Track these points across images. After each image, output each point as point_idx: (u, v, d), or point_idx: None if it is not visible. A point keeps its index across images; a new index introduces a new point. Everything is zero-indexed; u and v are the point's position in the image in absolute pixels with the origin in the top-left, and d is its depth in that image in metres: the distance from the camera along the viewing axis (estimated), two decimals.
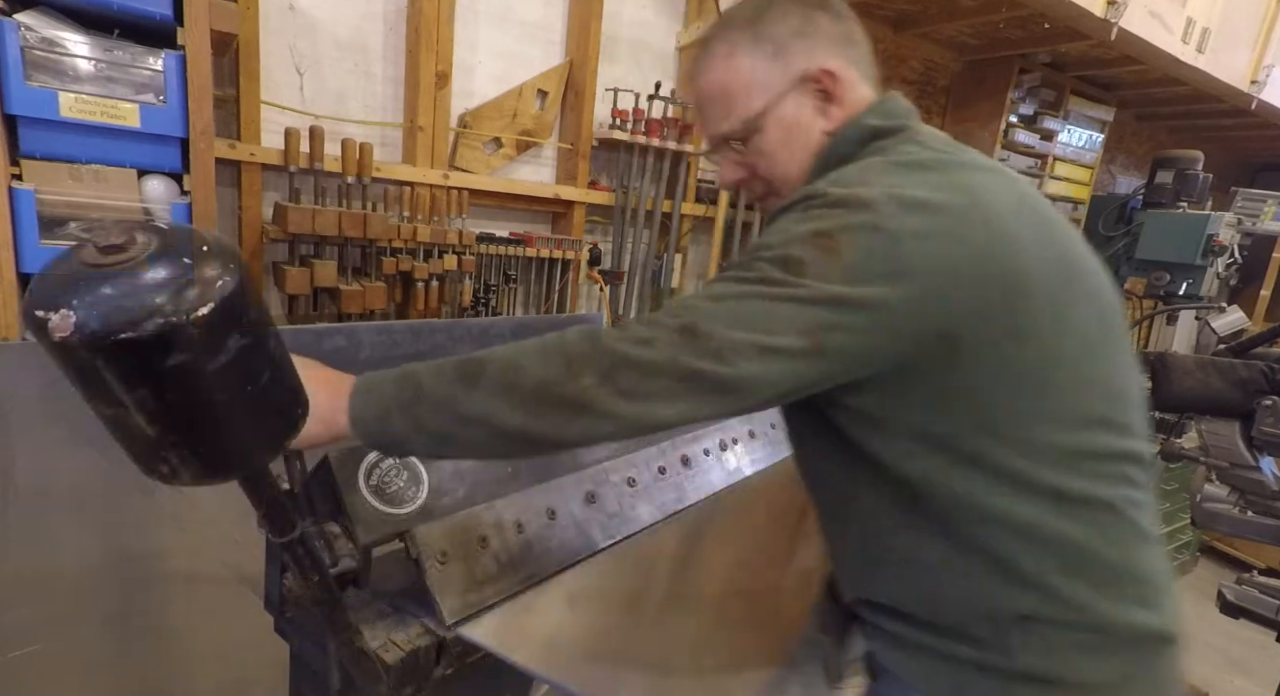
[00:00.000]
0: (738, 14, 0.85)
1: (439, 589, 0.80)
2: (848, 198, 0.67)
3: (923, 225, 0.65)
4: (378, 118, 1.89)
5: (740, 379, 0.62)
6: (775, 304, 0.64)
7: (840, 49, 0.82)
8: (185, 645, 1.41)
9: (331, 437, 0.68)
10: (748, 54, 0.82)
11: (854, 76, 0.83)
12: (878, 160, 0.75)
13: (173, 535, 1.36)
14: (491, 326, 1.82)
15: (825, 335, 0.63)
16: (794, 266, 0.65)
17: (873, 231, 0.64)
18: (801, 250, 0.66)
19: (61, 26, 1.16)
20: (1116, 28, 2.38)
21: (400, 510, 0.80)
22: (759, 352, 0.62)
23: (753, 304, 0.65)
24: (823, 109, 0.82)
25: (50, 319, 0.39)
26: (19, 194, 1.14)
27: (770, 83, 0.82)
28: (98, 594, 1.30)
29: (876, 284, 0.63)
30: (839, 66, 0.81)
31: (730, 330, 0.63)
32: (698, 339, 0.63)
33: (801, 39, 0.82)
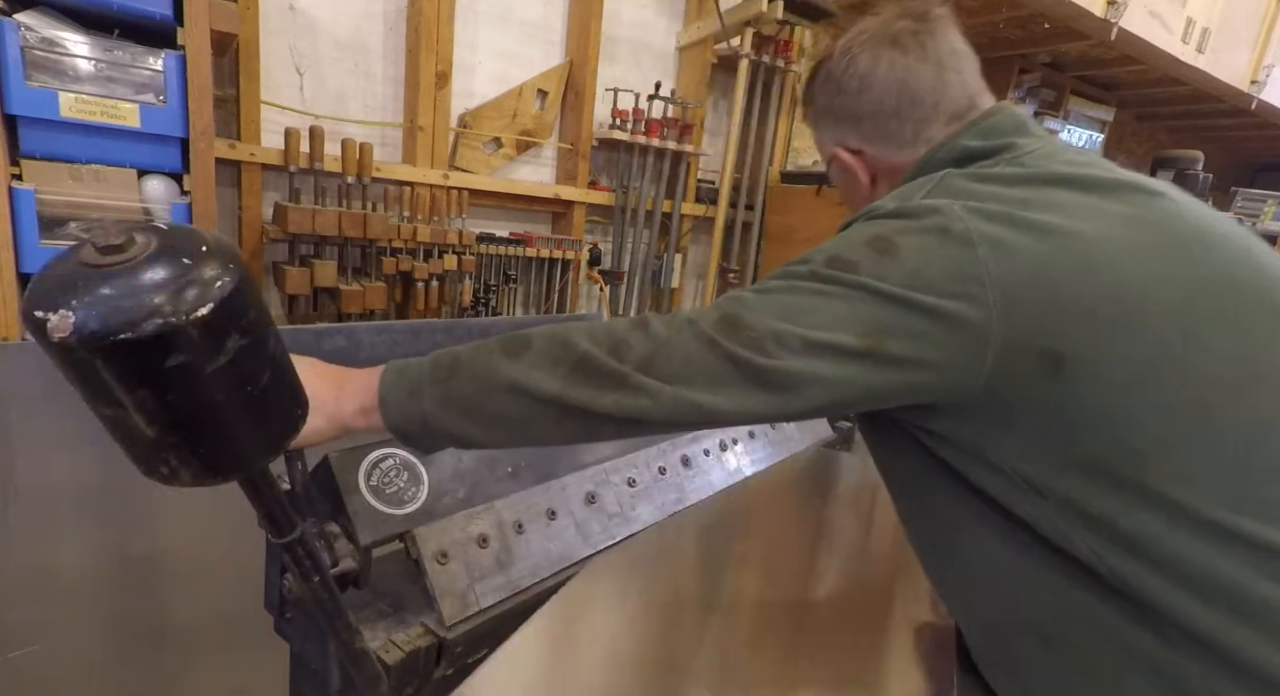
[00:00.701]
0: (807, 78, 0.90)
1: (439, 589, 0.80)
2: (910, 207, 0.65)
3: (1003, 233, 0.60)
4: (378, 118, 1.89)
5: (784, 372, 0.59)
6: (827, 299, 0.61)
7: (853, 128, 0.83)
8: (185, 645, 1.41)
9: (336, 431, 0.67)
10: (808, 122, 0.91)
11: (874, 153, 0.83)
12: (955, 173, 0.71)
13: (172, 535, 1.36)
14: (491, 326, 1.82)
15: (889, 339, 0.59)
16: (846, 265, 0.62)
17: (941, 235, 0.61)
18: (854, 252, 0.63)
19: (61, 26, 1.16)
20: (1116, 28, 2.38)
21: (400, 510, 0.80)
22: (805, 347, 0.59)
23: (801, 297, 0.62)
24: (856, 178, 0.85)
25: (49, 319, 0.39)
26: (19, 194, 1.14)
27: (820, 152, 0.89)
28: (98, 594, 1.30)
29: (948, 294, 0.59)
30: (850, 147, 0.84)
31: (774, 321, 0.60)
32: (739, 328, 0.60)
33: (826, 117, 0.86)
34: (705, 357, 0.60)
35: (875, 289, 0.60)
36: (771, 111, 2.46)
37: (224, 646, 1.43)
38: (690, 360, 0.60)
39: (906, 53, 0.79)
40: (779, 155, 2.58)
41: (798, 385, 0.59)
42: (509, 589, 0.86)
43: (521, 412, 0.63)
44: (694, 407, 0.60)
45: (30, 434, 1.19)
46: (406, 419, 0.65)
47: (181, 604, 1.38)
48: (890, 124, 0.80)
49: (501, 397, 0.63)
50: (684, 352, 0.61)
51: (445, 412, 0.64)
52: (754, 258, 2.58)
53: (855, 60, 0.81)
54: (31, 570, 1.22)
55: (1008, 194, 0.65)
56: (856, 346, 0.59)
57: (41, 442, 1.20)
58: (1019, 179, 0.67)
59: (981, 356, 0.59)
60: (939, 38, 0.80)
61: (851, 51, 0.82)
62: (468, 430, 0.65)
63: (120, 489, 1.27)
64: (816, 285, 0.62)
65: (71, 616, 1.28)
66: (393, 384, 0.66)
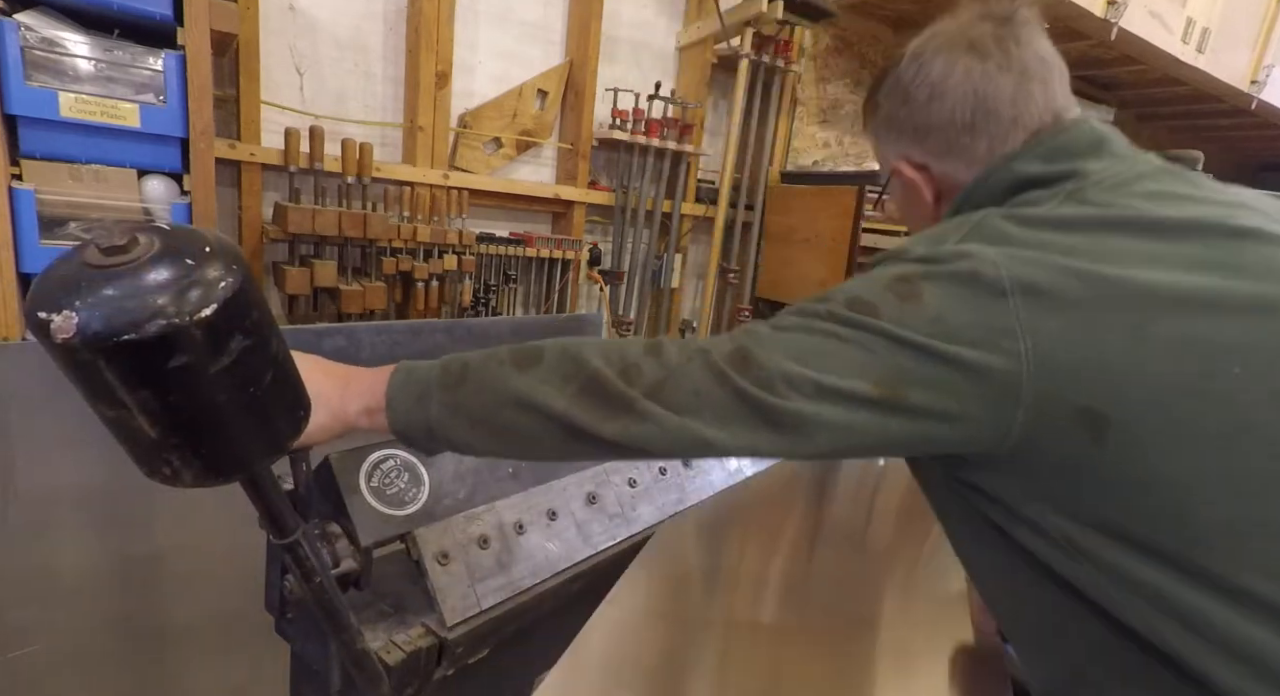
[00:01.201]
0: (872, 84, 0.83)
1: (440, 590, 0.80)
2: (940, 252, 0.61)
3: (1041, 279, 0.56)
4: (378, 118, 1.88)
5: (794, 415, 0.57)
6: (842, 343, 0.58)
7: (918, 141, 0.76)
8: (185, 645, 1.41)
9: (340, 429, 0.67)
10: (869, 132, 0.84)
11: (941, 169, 0.76)
12: (996, 214, 0.64)
13: (173, 535, 1.36)
14: (492, 326, 1.82)
15: (907, 389, 0.56)
16: (865, 308, 0.58)
17: (970, 281, 0.57)
18: (875, 295, 0.59)
19: (61, 26, 1.16)
20: (1116, 28, 2.39)
21: (401, 511, 0.80)
22: (817, 391, 0.57)
23: (816, 339, 0.59)
24: (918, 195, 0.79)
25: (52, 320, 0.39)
26: (19, 194, 1.14)
27: (881, 165, 0.83)
28: (98, 594, 1.30)
29: (972, 343, 0.55)
30: (915, 161, 0.77)
31: (786, 361, 0.58)
32: (750, 365, 0.58)
33: (889, 127, 0.79)
34: (714, 391, 0.58)
35: (895, 335, 0.57)
36: (771, 111, 2.46)
37: (224, 646, 1.43)
38: (700, 391, 0.59)
39: (985, 59, 0.71)
40: (779, 155, 2.58)
41: (806, 428, 0.57)
42: (510, 589, 0.86)
43: (528, 428, 0.62)
44: (699, 441, 0.59)
45: (30, 434, 1.19)
46: (411, 423, 0.65)
47: (181, 604, 1.38)
48: (962, 138, 0.73)
49: (509, 411, 0.62)
50: (694, 383, 0.59)
51: (452, 420, 0.64)
52: (754, 258, 2.58)
53: (927, 66, 0.74)
54: (31, 570, 1.22)
55: (1053, 240, 0.59)
56: (871, 394, 0.56)
57: (42, 443, 1.20)
58: (1069, 222, 0.61)
59: (1009, 411, 0.55)
60: (1024, 43, 0.71)
61: (923, 56, 0.74)
62: (472, 440, 0.64)
63: (121, 489, 1.27)
64: (833, 327, 0.59)
65: (71, 616, 1.27)
66: (401, 386, 0.66)
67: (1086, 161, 0.67)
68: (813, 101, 2.74)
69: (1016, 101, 0.71)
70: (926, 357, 0.56)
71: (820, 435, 0.57)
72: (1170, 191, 0.64)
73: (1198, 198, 0.63)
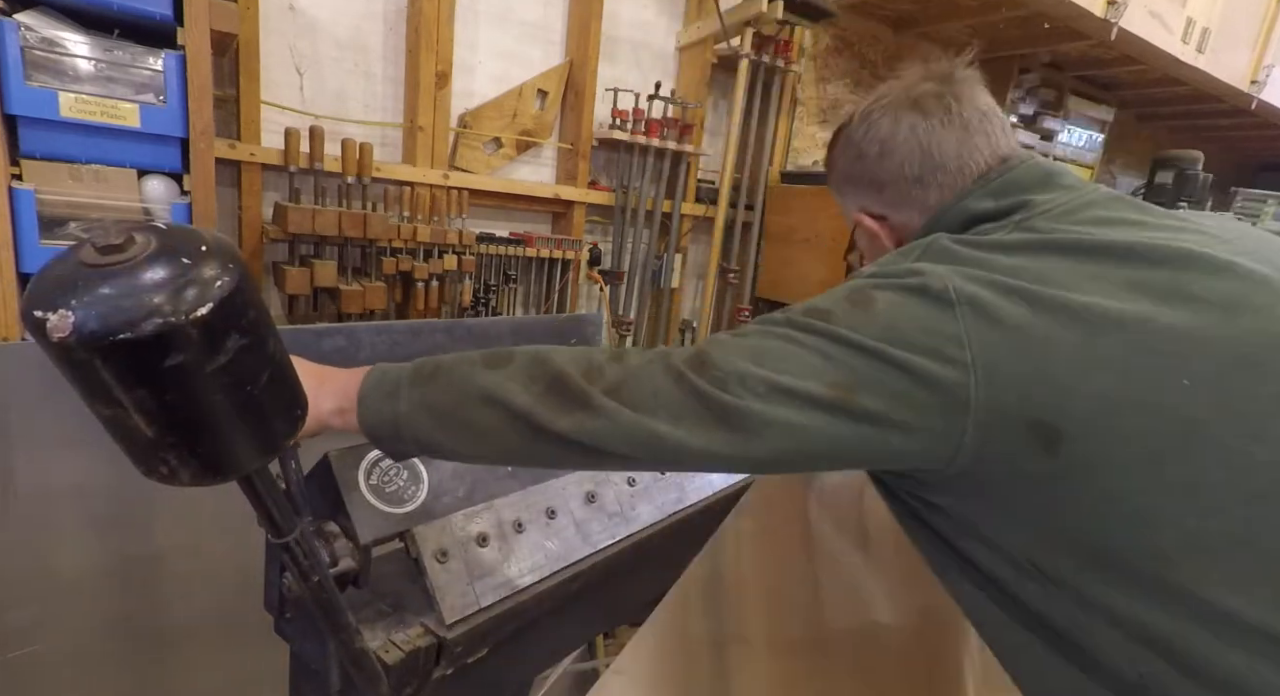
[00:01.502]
0: (830, 143, 0.88)
1: (439, 588, 0.80)
2: (894, 269, 0.64)
3: (988, 296, 0.58)
4: (378, 118, 1.89)
5: (745, 413, 0.57)
6: (796, 346, 0.60)
7: (875, 194, 0.81)
8: (185, 645, 1.41)
9: (313, 427, 0.68)
10: (830, 187, 0.90)
11: (899, 219, 0.80)
12: (945, 237, 0.68)
13: (172, 535, 1.36)
14: (491, 326, 1.82)
15: (858, 392, 0.57)
16: (820, 314, 0.61)
17: (918, 293, 0.59)
18: (829, 303, 0.62)
19: (61, 26, 1.16)
20: (1116, 28, 2.38)
21: (400, 509, 0.80)
22: (770, 390, 0.58)
23: (771, 342, 0.61)
24: (880, 244, 0.83)
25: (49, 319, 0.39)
26: (19, 194, 1.14)
27: (845, 211, 0.88)
28: (98, 594, 1.30)
29: (923, 351, 0.57)
30: (873, 213, 0.82)
31: (741, 361, 0.59)
32: (705, 366, 0.60)
33: (847, 183, 0.85)
34: (671, 389, 0.60)
35: (846, 338, 0.58)
36: (771, 111, 2.46)
37: (224, 646, 1.43)
38: (657, 391, 0.60)
39: (928, 116, 0.76)
40: (779, 155, 2.58)
41: (759, 428, 0.58)
42: (509, 588, 0.86)
43: (491, 424, 0.63)
44: (654, 437, 0.59)
45: (30, 434, 1.19)
46: (380, 420, 0.66)
47: (181, 604, 1.38)
48: (913, 190, 0.77)
49: (474, 407, 0.63)
50: (652, 383, 0.61)
51: (419, 417, 0.64)
52: (754, 258, 2.58)
53: (875, 125, 0.79)
54: (31, 570, 1.22)
55: (997, 261, 0.62)
56: (823, 395, 0.57)
57: (42, 443, 1.20)
58: (1012, 246, 0.64)
59: (959, 422, 0.56)
60: (964, 100, 0.76)
61: (871, 116, 0.79)
62: (436, 435, 0.65)
63: (121, 489, 1.27)
64: (789, 332, 0.61)
65: (71, 616, 1.28)
66: (373, 385, 0.67)
67: (1034, 194, 0.70)
68: (813, 101, 2.74)
69: (961, 154, 0.75)
70: (877, 362, 0.57)
71: (772, 435, 0.58)
72: (1119, 217, 0.66)
73: (1147, 223, 0.65)
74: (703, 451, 0.59)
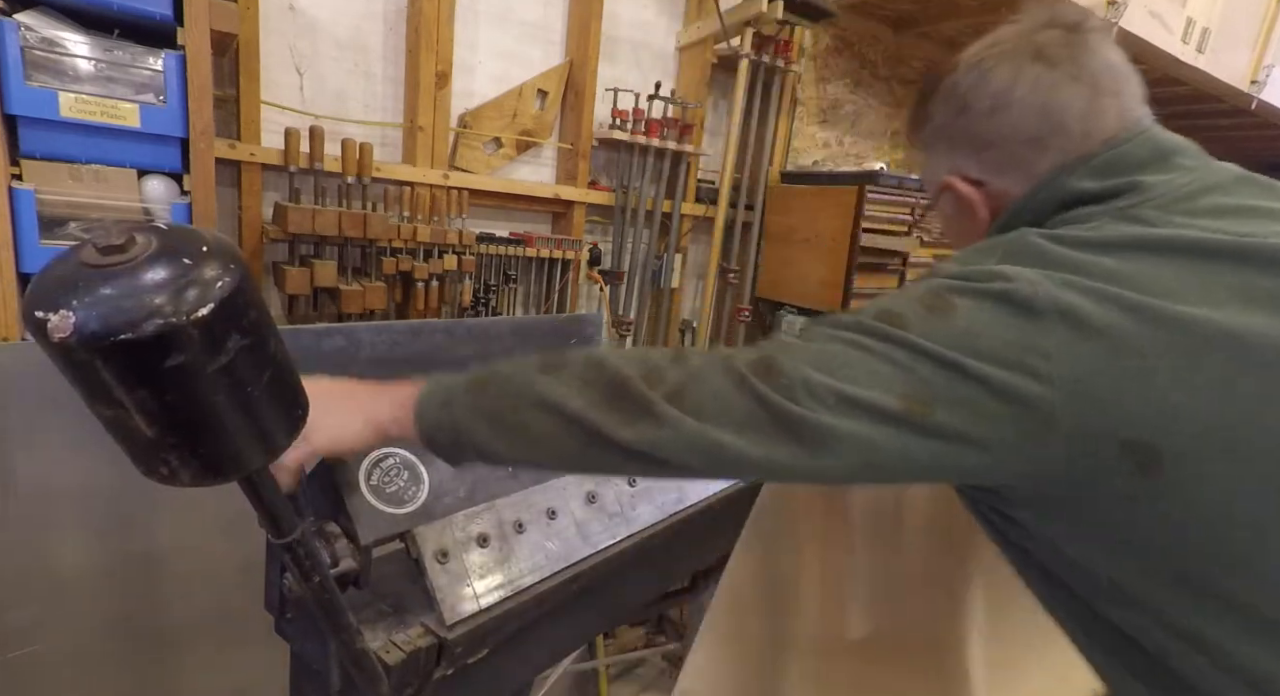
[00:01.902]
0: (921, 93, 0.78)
1: (440, 589, 0.80)
2: (974, 270, 0.58)
3: (1081, 303, 0.53)
4: (378, 118, 1.89)
5: (813, 425, 0.53)
6: (867, 353, 0.55)
7: (975, 155, 0.71)
8: (185, 645, 1.41)
9: (375, 436, 0.68)
10: (916, 145, 0.80)
11: (1000, 186, 0.71)
12: (1033, 234, 0.61)
13: (172, 535, 1.36)
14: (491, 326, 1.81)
15: (933, 406, 0.53)
16: (893, 319, 0.56)
17: (1002, 300, 0.54)
18: (903, 306, 0.57)
19: (61, 26, 1.16)
20: (1116, 28, 2.38)
21: (401, 509, 0.80)
22: (838, 401, 0.54)
23: (840, 348, 0.57)
24: (972, 212, 0.74)
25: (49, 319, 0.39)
26: (19, 194, 1.14)
27: (927, 180, 0.80)
28: (98, 594, 1.30)
29: (1002, 363, 0.52)
30: (970, 177, 0.73)
31: (808, 368, 0.55)
32: (771, 372, 0.56)
33: (941, 140, 0.75)
34: (734, 395, 0.56)
35: (921, 347, 0.54)
36: (771, 111, 2.46)
37: (224, 646, 1.43)
38: (720, 395, 0.56)
39: (1054, 67, 0.66)
40: (779, 155, 2.58)
41: (827, 441, 0.54)
42: (509, 588, 0.86)
43: (548, 429, 0.60)
44: (717, 448, 0.56)
45: (30, 434, 1.19)
46: (438, 426, 0.65)
47: (181, 604, 1.38)
48: (1025, 152, 0.68)
49: (530, 411, 0.61)
50: (714, 387, 0.57)
51: (475, 423, 0.63)
52: (754, 257, 2.58)
53: (989, 74, 0.69)
54: (31, 570, 1.22)
55: (1093, 263, 0.56)
56: (894, 408, 0.53)
57: (42, 443, 1.20)
58: (1112, 244, 0.57)
59: (1043, 440, 0.52)
60: (1094, 52, 0.66)
61: (984, 63, 0.70)
62: (493, 442, 0.63)
63: (121, 489, 1.27)
64: (859, 337, 0.56)
65: (71, 616, 1.28)
66: (429, 393, 0.66)
67: (1146, 174, 0.63)
68: (813, 101, 2.74)
69: (1088, 116, 0.66)
70: (954, 374, 0.53)
71: (842, 449, 0.54)
72: (1245, 205, 0.59)
73: (1276, 211, 0.58)
74: (766, 463, 0.56)
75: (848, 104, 2.85)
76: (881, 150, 3.05)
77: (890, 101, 2.98)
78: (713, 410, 0.56)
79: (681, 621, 2.47)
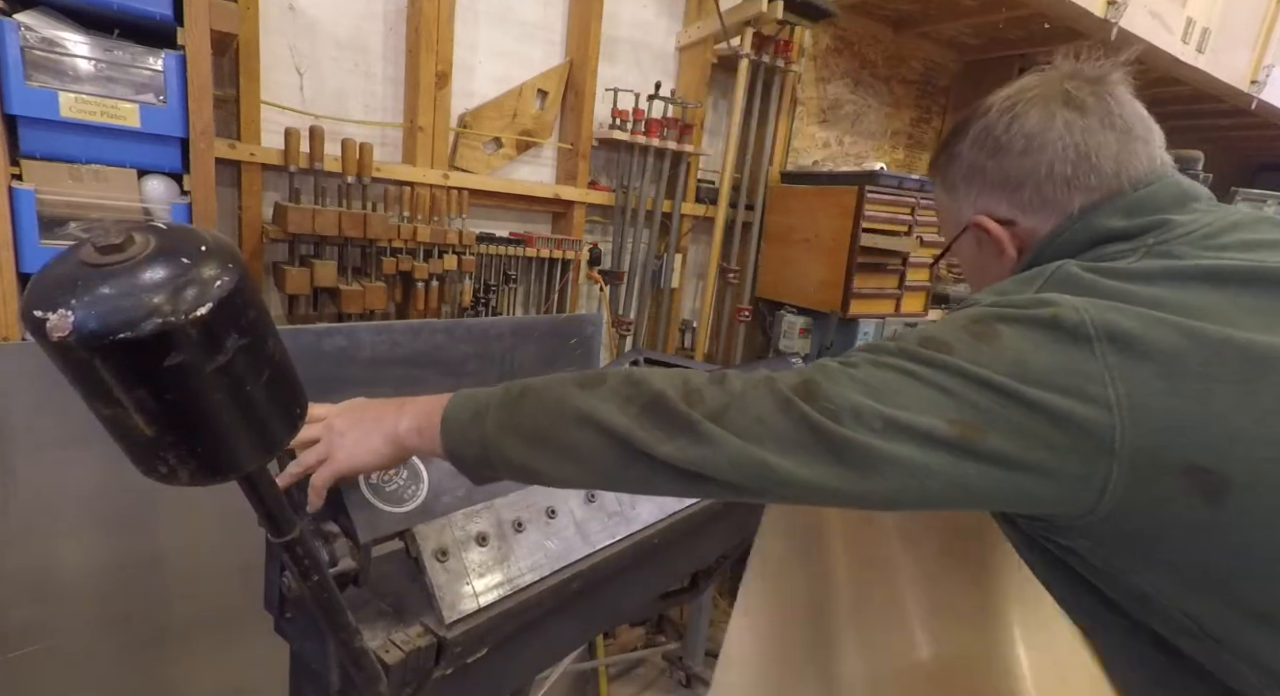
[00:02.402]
0: (949, 135, 0.80)
1: (439, 588, 0.80)
2: (1018, 299, 0.58)
3: (1130, 326, 0.52)
4: (378, 118, 1.89)
5: (862, 448, 0.53)
6: (914, 380, 0.55)
7: (1007, 195, 0.72)
8: (185, 645, 1.41)
9: (393, 451, 0.69)
10: (938, 185, 0.81)
11: (1030, 225, 0.72)
12: (1073, 264, 0.61)
13: (172, 535, 1.36)
14: (491, 326, 1.82)
15: (987, 431, 0.52)
16: (939, 345, 0.56)
17: (1049, 327, 0.54)
18: (948, 334, 0.57)
19: (61, 26, 1.16)
20: (1116, 28, 2.38)
21: (400, 508, 0.80)
22: (886, 426, 0.53)
23: (886, 374, 0.56)
24: (998, 251, 0.74)
25: (48, 319, 0.39)
26: (19, 194, 1.14)
27: (948, 221, 0.81)
28: (98, 594, 1.30)
29: (1058, 389, 0.51)
30: (999, 216, 0.73)
31: (854, 394, 0.54)
32: (816, 396, 0.55)
33: (972, 180, 0.75)
34: (778, 417, 0.55)
35: (972, 373, 0.53)
36: (771, 111, 2.46)
37: (224, 646, 1.43)
38: (764, 418, 0.56)
39: (1086, 114, 0.68)
40: (779, 155, 2.58)
41: (877, 464, 0.53)
42: (509, 587, 0.86)
43: (588, 446, 0.60)
44: (762, 466, 0.55)
45: (30, 434, 1.20)
46: (465, 440, 0.64)
47: (181, 603, 1.39)
48: (1057, 193, 0.69)
49: (568, 427, 0.60)
50: (758, 409, 0.56)
51: (507, 438, 0.62)
52: (754, 257, 2.58)
53: (1021, 117, 0.71)
54: (31, 570, 1.22)
55: (1137, 292, 0.56)
56: (946, 434, 0.52)
57: (42, 443, 1.20)
58: (1158, 274, 0.57)
59: (1102, 466, 0.51)
60: (1122, 102, 0.69)
61: (1016, 107, 0.72)
62: (529, 458, 0.62)
63: (120, 488, 1.28)
64: (904, 363, 0.56)
65: (71, 616, 1.28)
66: (459, 406, 0.66)
67: (1172, 213, 0.64)
68: (813, 101, 2.74)
69: (1119, 158, 0.67)
70: (1006, 399, 0.52)
71: (892, 473, 0.53)
72: (1269, 239, 0.60)
73: None
74: (814, 484, 0.55)
75: (848, 104, 2.85)
76: (881, 150, 3.05)
77: (890, 101, 2.98)
78: (756, 431, 0.55)
79: (681, 621, 2.47)
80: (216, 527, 1.36)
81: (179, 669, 1.41)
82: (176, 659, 1.40)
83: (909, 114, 3.08)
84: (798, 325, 2.43)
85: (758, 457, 0.55)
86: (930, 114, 3.16)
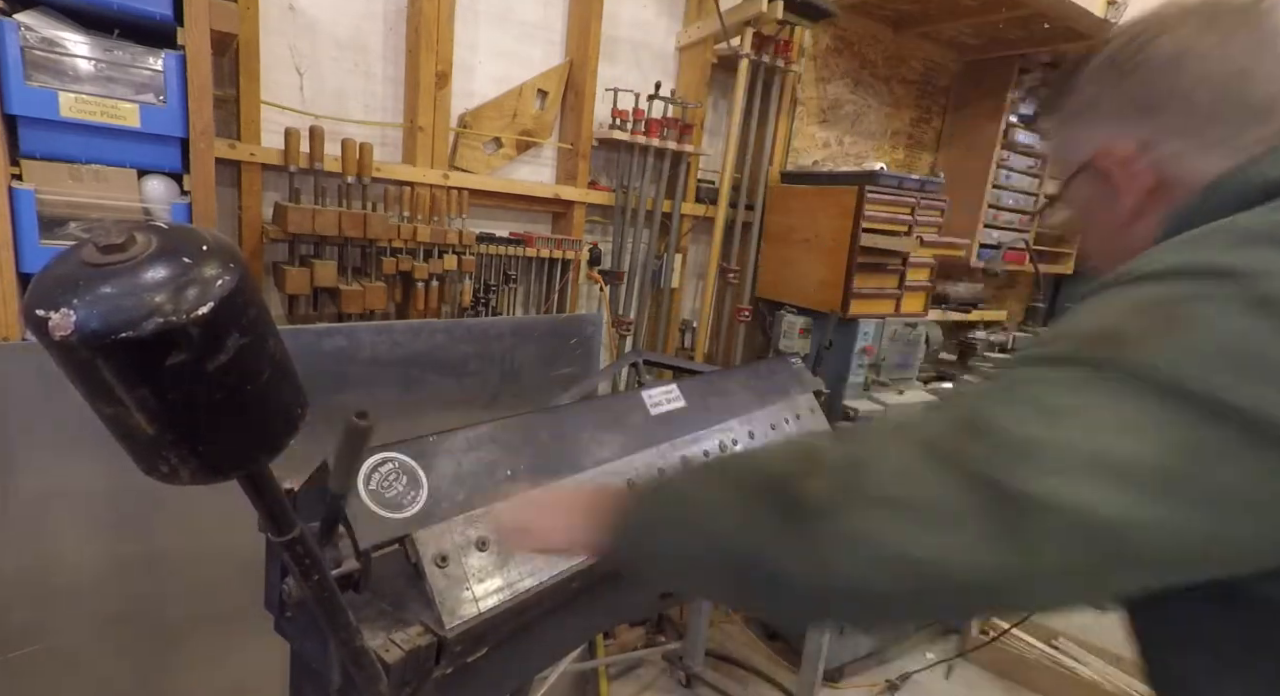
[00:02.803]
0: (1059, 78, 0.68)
1: (438, 593, 0.80)
2: (1195, 265, 0.45)
3: None
4: (378, 118, 1.89)
5: (1042, 502, 0.40)
6: (1095, 394, 0.42)
7: (1142, 120, 0.59)
8: (185, 645, 1.41)
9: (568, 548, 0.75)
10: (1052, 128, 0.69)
11: (1171, 151, 0.58)
12: (1247, 218, 0.48)
13: (173, 535, 1.36)
14: (491, 326, 1.82)
15: (1216, 464, 0.39)
16: (1111, 340, 0.43)
17: (1258, 305, 0.40)
18: (1123, 323, 0.44)
19: (61, 26, 1.16)
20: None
21: (400, 514, 0.80)
22: (1079, 464, 0.40)
23: (1053, 390, 0.43)
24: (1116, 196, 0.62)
25: (50, 318, 0.39)
26: (19, 194, 1.14)
27: (1061, 157, 0.68)
28: (98, 594, 1.30)
29: (1269, 386, 0.39)
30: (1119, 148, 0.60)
31: (1026, 425, 0.42)
32: (977, 436, 0.43)
33: (1092, 110, 0.63)
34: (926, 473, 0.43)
35: (1162, 379, 0.40)
36: (771, 111, 2.46)
37: (224, 645, 1.43)
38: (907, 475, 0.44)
39: (1234, 33, 0.56)
40: (779, 155, 2.58)
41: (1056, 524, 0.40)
42: (508, 592, 0.86)
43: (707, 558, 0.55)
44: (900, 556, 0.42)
45: (30, 434, 1.19)
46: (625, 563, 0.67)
47: (181, 603, 1.39)
48: (1204, 116, 0.56)
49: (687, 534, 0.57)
50: (899, 465, 0.44)
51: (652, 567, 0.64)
52: (754, 257, 2.59)
53: (1155, 41, 0.58)
54: (31, 570, 1.22)
55: None
56: (1154, 464, 0.39)
57: (42, 443, 1.20)
58: None
59: None
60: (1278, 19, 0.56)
61: (1146, 32, 0.59)
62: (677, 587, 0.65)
63: (121, 489, 1.28)
64: (1077, 372, 0.43)
65: (71, 616, 1.28)
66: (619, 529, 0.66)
67: None
68: (813, 101, 2.74)
69: (1275, 79, 0.55)
70: (1212, 412, 0.39)
71: (1073, 538, 0.40)
72: None
73: None
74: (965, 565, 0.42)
75: (848, 104, 2.85)
76: (881, 150, 3.06)
77: (890, 101, 2.98)
78: (896, 495, 0.43)
79: (681, 621, 2.48)
80: (217, 527, 1.36)
81: (179, 668, 1.41)
82: (177, 658, 1.40)
83: (909, 114, 3.09)
84: (798, 325, 2.43)
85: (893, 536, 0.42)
86: (930, 114, 3.16)
